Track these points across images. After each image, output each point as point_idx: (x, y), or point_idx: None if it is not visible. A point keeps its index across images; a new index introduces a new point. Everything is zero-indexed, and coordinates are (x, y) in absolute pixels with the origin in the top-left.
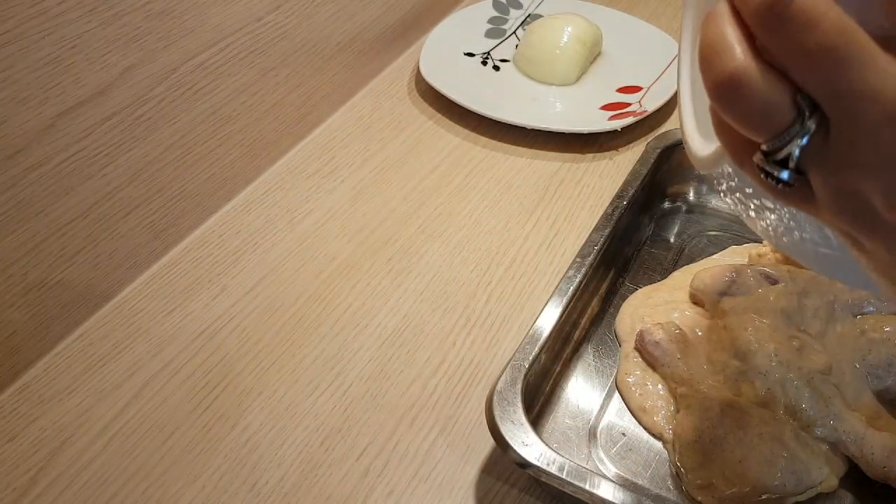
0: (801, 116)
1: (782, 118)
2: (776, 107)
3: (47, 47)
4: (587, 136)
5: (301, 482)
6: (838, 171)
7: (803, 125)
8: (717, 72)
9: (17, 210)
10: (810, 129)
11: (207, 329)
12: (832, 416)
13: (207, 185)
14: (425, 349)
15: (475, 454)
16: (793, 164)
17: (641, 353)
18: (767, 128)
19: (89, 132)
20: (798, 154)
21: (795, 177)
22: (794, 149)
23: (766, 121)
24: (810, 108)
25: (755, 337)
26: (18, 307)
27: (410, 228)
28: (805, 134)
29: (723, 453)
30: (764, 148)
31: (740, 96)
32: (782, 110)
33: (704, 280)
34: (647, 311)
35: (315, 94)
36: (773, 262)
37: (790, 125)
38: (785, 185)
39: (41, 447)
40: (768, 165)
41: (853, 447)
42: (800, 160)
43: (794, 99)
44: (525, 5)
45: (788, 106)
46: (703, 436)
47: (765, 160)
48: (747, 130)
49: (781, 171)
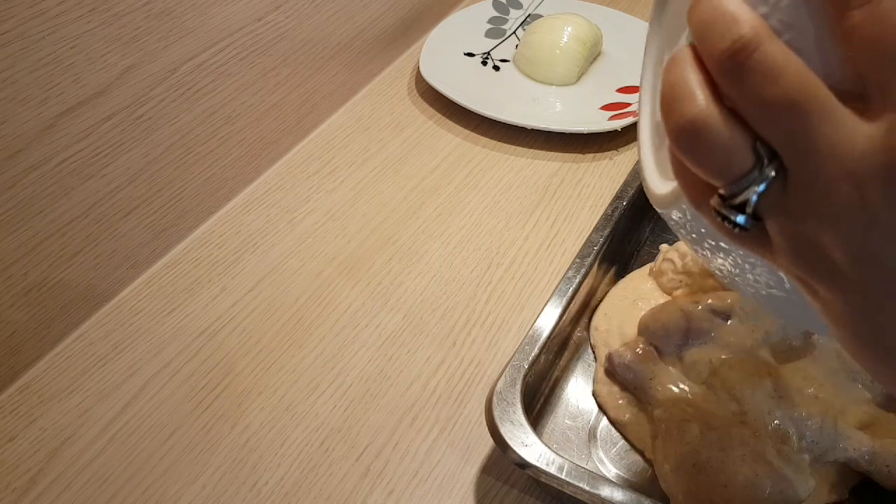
0: (760, 163)
1: (741, 164)
2: (735, 153)
3: (47, 47)
4: (587, 136)
5: (301, 482)
6: (795, 219)
7: (762, 172)
8: (677, 116)
9: (17, 210)
10: (768, 177)
11: (207, 329)
12: (840, 438)
13: (207, 185)
14: (425, 349)
15: (475, 454)
16: (750, 210)
17: (613, 378)
18: (726, 173)
19: (89, 132)
20: (755, 200)
21: (752, 222)
22: (751, 195)
23: (725, 166)
24: (769, 155)
25: (746, 384)
26: (18, 307)
27: (410, 228)
28: (763, 181)
29: (707, 478)
30: (721, 192)
31: (700, 141)
32: (741, 156)
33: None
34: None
35: (315, 94)
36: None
37: (748, 171)
38: (741, 230)
39: (41, 447)
40: (725, 210)
41: (865, 464)
42: (757, 206)
43: (754, 146)
44: (525, 5)
45: (748, 152)
46: (685, 462)
47: (722, 204)
48: (706, 175)
49: (738, 216)
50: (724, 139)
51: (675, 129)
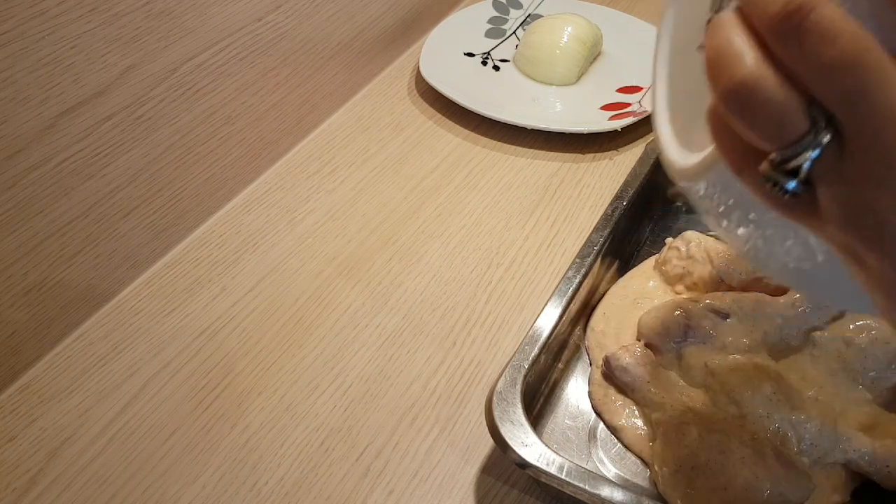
0: (815, 127)
1: (795, 128)
2: (789, 116)
3: (47, 47)
4: (587, 136)
5: (301, 482)
6: (851, 185)
7: (816, 136)
8: (727, 78)
9: (17, 210)
10: (824, 141)
11: (207, 329)
12: (840, 439)
13: (207, 185)
14: (425, 349)
15: (475, 454)
16: (802, 176)
17: (610, 380)
18: (779, 137)
19: (89, 132)
20: (809, 166)
21: (803, 188)
22: (805, 160)
23: (778, 130)
24: (825, 119)
25: (745, 386)
26: (18, 307)
27: (410, 228)
28: (818, 146)
29: (706, 481)
30: (773, 157)
31: (753, 103)
32: (796, 119)
33: (656, 330)
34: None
35: (315, 94)
36: (685, 279)
37: (803, 135)
38: (791, 196)
39: (41, 447)
40: (776, 175)
41: (865, 465)
42: (810, 171)
43: (808, 109)
44: (525, 5)
45: (802, 115)
46: (684, 465)
47: (772, 169)
48: (757, 138)
49: (789, 182)
50: (778, 101)
51: (725, 92)
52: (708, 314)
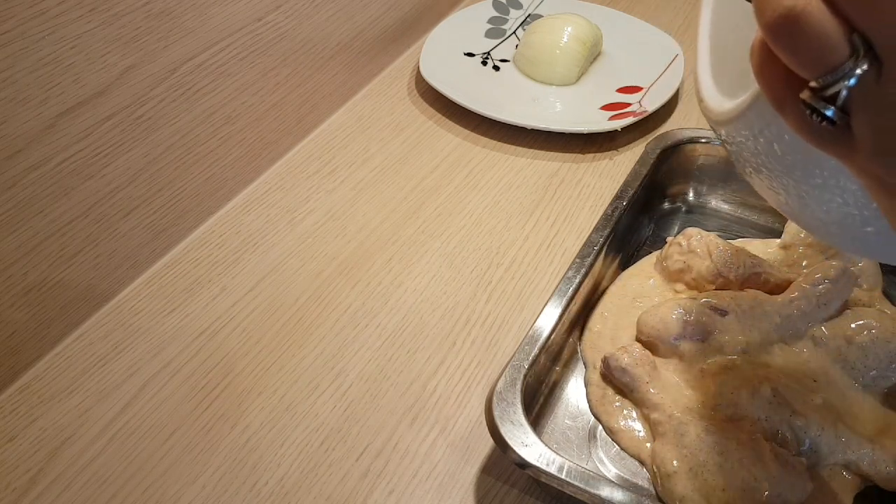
0: (855, 55)
1: (836, 55)
2: (832, 43)
3: (47, 47)
4: (587, 136)
5: (301, 482)
6: (885, 111)
7: (856, 63)
8: (772, 8)
9: (17, 210)
10: (863, 68)
11: (207, 329)
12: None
13: (207, 185)
14: (425, 349)
15: (475, 454)
16: (840, 102)
17: (608, 381)
18: (821, 63)
19: (89, 132)
20: (846, 93)
21: (840, 115)
22: (843, 86)
23: (821, 56)
24: (864, 47)
25: (744, 388)
26: (18, 307)
27: (410, 228)
28: (857, 72)
29: (705, 482)
30: (813, 84)
31: (797, 30)
32: (838, 46)
33: (656, 327)
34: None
35: (315, 94)
36: (701, 287)
37: (843, 62)
38: (828, 123)
39: (41, 447)
40: (815, 102)
41: (866, 466)
42: (847, 98)
43: (849, 37)
44: (525, 5)
45: (843, 42)
46: (682, 465)
47: (813, 96)
48: (800, 65)
49: (827, 108)
50: (822, 28)
51: (771, 20)
52: (706, 311)
